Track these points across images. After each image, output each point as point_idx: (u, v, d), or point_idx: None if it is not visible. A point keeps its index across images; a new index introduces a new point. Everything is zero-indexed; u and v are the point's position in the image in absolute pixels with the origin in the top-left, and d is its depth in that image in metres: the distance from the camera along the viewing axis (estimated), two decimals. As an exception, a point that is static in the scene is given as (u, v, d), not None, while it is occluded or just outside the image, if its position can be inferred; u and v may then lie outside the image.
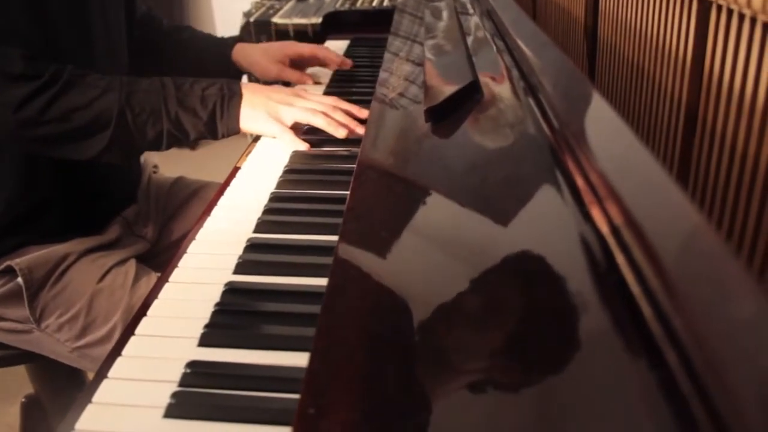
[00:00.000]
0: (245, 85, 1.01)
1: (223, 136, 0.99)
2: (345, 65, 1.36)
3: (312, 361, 0.43)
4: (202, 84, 0.98)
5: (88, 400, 0.54)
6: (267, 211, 0.84)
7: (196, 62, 1.31)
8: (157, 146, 0.97)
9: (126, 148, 0.94)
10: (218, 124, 0.98)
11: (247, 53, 1.30)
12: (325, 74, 1.36)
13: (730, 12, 0.47)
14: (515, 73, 0.71)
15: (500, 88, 0.72)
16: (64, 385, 1.17)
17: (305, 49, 1.33)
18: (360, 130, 1.01)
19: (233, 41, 1.32)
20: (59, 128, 0.89)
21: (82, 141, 0.91)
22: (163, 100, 0.94)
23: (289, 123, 1.02)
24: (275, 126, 1.01)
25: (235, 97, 0.98)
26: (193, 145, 3.35)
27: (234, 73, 1.31)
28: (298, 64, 1.34)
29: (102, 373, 0.57)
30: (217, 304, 0.65)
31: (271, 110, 1.01)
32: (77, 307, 0.96)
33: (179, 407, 0.53)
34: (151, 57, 1.30)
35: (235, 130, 0.99)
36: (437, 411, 0.38)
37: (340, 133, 1.01)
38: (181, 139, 0.97)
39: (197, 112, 0.96)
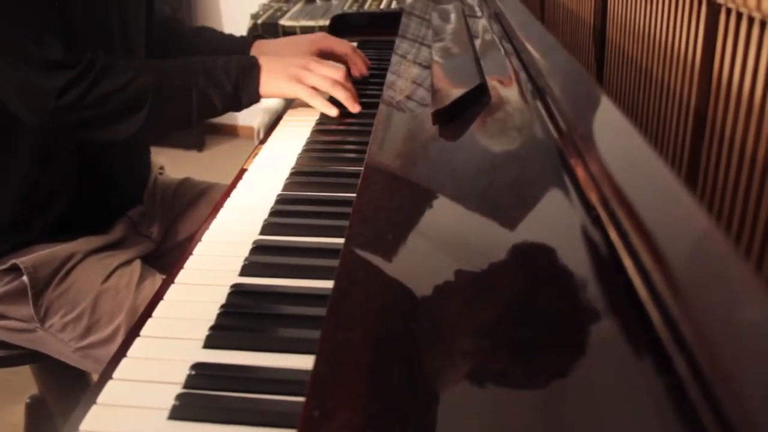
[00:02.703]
0: (261, 56, 1.09)
1: (245, 107, 1.07)
2: (363, 73, 1.34)
3: (317, 363, 0.43)
4: (224, 58, 1.05)
5: (93, 401, 0.54)
6: (273, 213, 0.84)
7: None
8: (187, 121, 1.03)
9: (159, 125, 1.01)
10: (241, 94, 1.05)
11: (267, 49, 1.29)
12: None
13: (739, 15, 0.47)
14: (523, 75, 0.71)
15: (508, 91, 0.72)
16: (69, 386, 1.17)
17: (339, 47, 1.31)
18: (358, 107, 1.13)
19: (252, 39, 1.31)
20: (98, 112, 0.94)
21: (119, 122, 0.97)
22: (193, 76, 1.01)
23: (310, 86, 1.09)
24: (297, 87, 1.08)
25: (255, 68, 1.06)
26: (199, 146, 3.37)
27: None
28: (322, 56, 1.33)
29: (107, 374, 0.57)
30: (223, 306, 0.65)
31: (292, 73, 1.08)
32: (81, 306, 0.96)
33: (184, 409, 0.53)
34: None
35: (255, 99, 1.07)
36: (443, 414, 0.37)
37: (356, 108, 1.11)
38: (208, 113, 1.04)
39: (223, 85, 1.03)
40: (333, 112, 1.11)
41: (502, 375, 0.38)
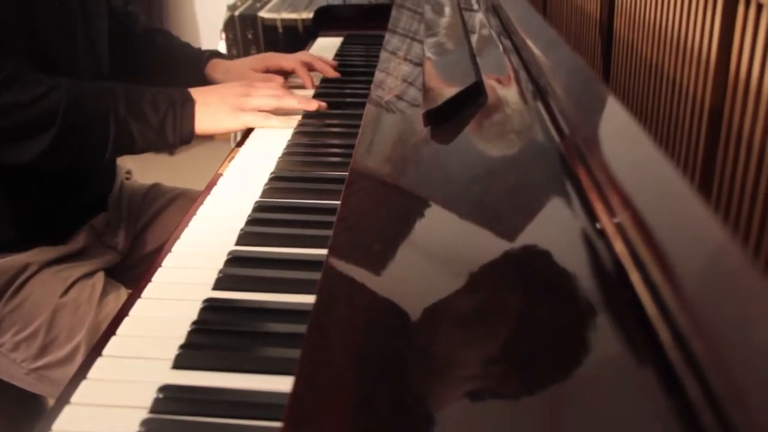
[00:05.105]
0: (194, 90, 1.05)
1: (174, 145, 1.03)
2: (332, 74, 1.36)
3: (296, 385, 0.43)
4: (152, 90, 1.01)
5: (48, 428, 0.54)
6: (251, 221, 0.83)
7: (168, 69, 1.32)
8: (100, 153, 0.98)
9: (68, 152, 0.96)
10: (168, 131, 1.01)
11: (222, 69, 1.31)
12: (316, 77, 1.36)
13: (759, 6, 0.47)
14: (523, 74, 0.71)
15: (506, 91, 0.73)
16: (20, 412, 1.16)
17: (286, 62, 1.33)
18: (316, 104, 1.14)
19: (209, 55, 1.33)
20: None
21: (20, 141, 0.92)
22: (113, 103, 0.96)
23: (255, 110, 1.08)
24: (244, 117, 1.07)
25: (188, 102, 1.02)
26: (170, 149, 3.36)
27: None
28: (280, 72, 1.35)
29: (64, 398, 0.56)
30: (195, 323, 0.65)
31: (231, 104, 1.06)
32: (37, 323, 0.95)
33: (149, 436, 0.52)
34: (122, 58, 1.30)
35: (187, 138, 1.03)
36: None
37: (313, 106, 1.12)
38: (126, 148, 1.00)
39: (147, 118, 0.99)
40: (292, 123, 1.11)
41: (498, 397, 0.38)
